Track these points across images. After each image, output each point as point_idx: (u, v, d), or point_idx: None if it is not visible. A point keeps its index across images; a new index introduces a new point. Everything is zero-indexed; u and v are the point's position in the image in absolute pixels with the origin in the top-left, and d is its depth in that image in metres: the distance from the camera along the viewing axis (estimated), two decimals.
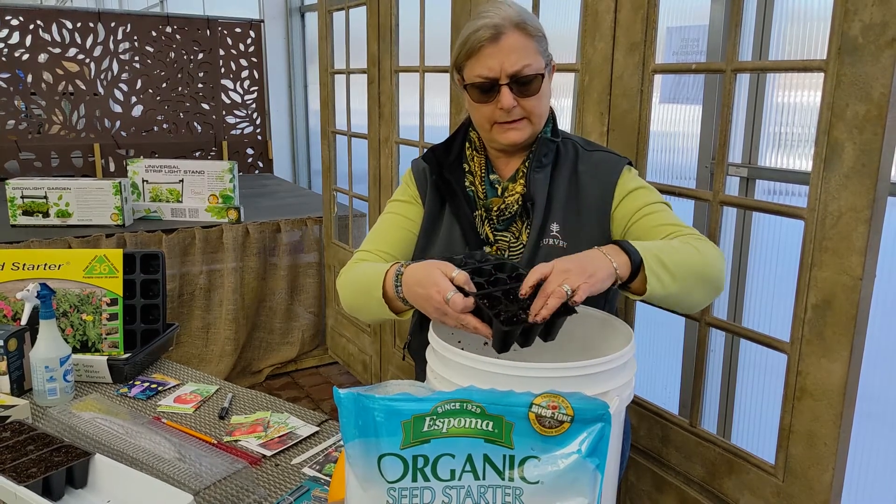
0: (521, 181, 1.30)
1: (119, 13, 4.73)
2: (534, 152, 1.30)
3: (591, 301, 1.19)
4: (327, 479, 1.27)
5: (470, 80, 1.25)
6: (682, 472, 1.72)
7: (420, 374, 1.56)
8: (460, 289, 1.05)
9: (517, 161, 1.33)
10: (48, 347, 1.47)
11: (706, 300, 1.22)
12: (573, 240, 1.28)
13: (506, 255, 1.32)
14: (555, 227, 1.29)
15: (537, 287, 1.04)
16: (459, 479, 0.80)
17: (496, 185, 1.33)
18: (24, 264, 1.69)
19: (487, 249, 1.32)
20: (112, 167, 4.53)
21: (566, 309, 1.04)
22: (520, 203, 1.29)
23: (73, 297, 1.67)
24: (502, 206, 1.30)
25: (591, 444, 0.80)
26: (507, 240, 1.32)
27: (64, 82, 4.33)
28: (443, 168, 1.35)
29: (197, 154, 4.79)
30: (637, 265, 1.08)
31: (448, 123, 2.44)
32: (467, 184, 1.35)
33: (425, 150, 1.43)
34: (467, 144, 1.37)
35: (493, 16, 1.21)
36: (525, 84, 1.22)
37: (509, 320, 1.01)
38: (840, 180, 1.30)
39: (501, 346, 1.03)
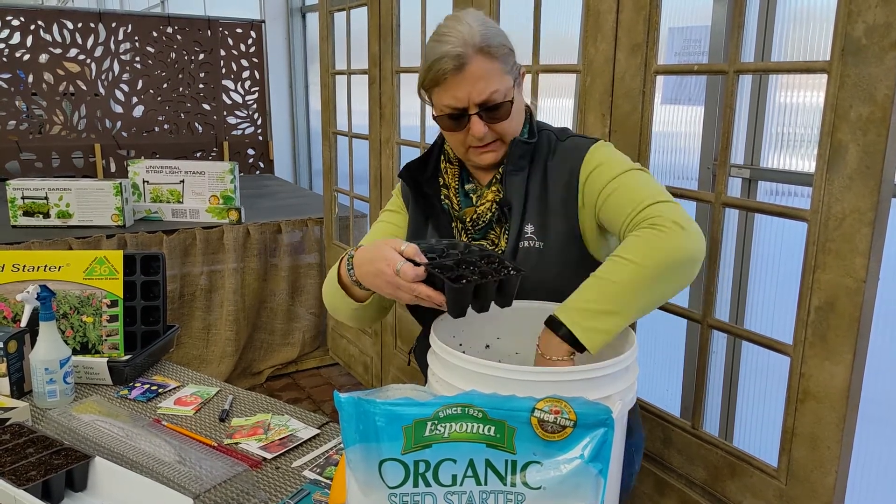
0: (494, 188, 1.28)
1: (120, 14, 4.73)
2: (508, 156, 1.26)
3: None
4: (328, 482, 1.26)
5: (439, 110, 1.23)
6: (685, 474, 1.71)
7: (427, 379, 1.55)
8: (411, 261, 1.04)
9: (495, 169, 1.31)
10: (48, 349, 1.47)
11: (677, 285, 1.12)
12: (548, 239, 1.24)
13: None
14: (529, 229, 1.25)
15: (490, 255, 1.06)
16: (461, 484, 0.80)
17: (471, 195, 1.31)
18: (25, 266, 1.68)
19: None
20: (113, 168, 4.53)
21: (517, 269, 1.05)
22: (493, 210, 1.27)
23: (73, 298, 1.67)
24: (474, 216, 1.28)
25: (594, 449, 0.79)
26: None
27: (65, 83, 4.33)
28: (421, 184, 1.34)
29: (198, 155, 4.79)
30: (570, 336, 1.04)
31: None
32: (443, 197, 1.33)
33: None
34: (442, 157, 1.35)
35: (454, 41, 1.16)
36: (495, 110, 1.19)
37: (458, 279, 1.01)
38: (844, 182, 1.29)
39: (456, 310, 1.03)
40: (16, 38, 4.16)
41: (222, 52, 4.76)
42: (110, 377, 1.64)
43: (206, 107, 4.78)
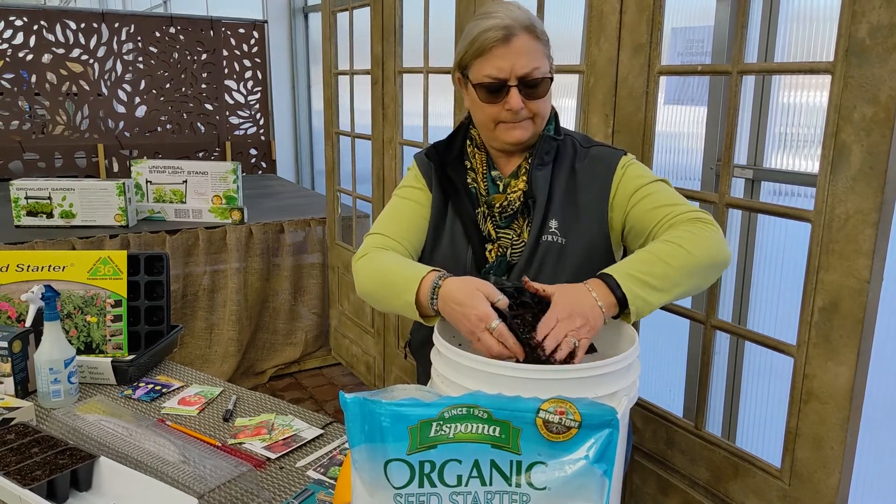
0: (524, 177, 1.31)
1: (123, 14, 4.73)
2: (536, 150, 1.31)
3: None
4: (332, 481, 1.26)
5: (478, 79, 1.25)
6: (688, 475, 1.71)
7: (421, 374, 1.55)
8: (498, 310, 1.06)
9: (518, 159, 1.34)
10: (52, 349, 1.47)
11: (707, 284, 1.23)
12: (571, 236, 1.29)
13: (507, 253, 1.32)
14: (553, 224, 1.29)
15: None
16: (466, 484, 0.80)
17: (498, 182, 1.33)
18: (29, 266, 1.69)
19: (489, 247, 1.32)
20: (116, 168, 4.54)
21: (590, 348, 1.08)
22: (521, 199, 1.30)
23: (77, 298, 1.67)
24: (504, 203, 1.30)
25: (599, 449, 0.79)
26: (510, 237, 1.32)
27: (68, 83, 4.34)
28: (446, 165, 1.36)
29: (200, 155, 4.79)
30: (622, 300, 1.09)
31: (451, 124, 2.44)
32: (469, 180, 1.35)
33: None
34: (468, 142, 1.37)
35: (503, 17, 1.21)
36: (533, 87, 1.23)
37: (538, 360, 1.04)
38: (847, 183, 1.29)
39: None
40: (19, 38, 4.17)
41: (225, 52, 4.77)
42: (114, 377, 1.64)
43: (209, 107, 4.78)
